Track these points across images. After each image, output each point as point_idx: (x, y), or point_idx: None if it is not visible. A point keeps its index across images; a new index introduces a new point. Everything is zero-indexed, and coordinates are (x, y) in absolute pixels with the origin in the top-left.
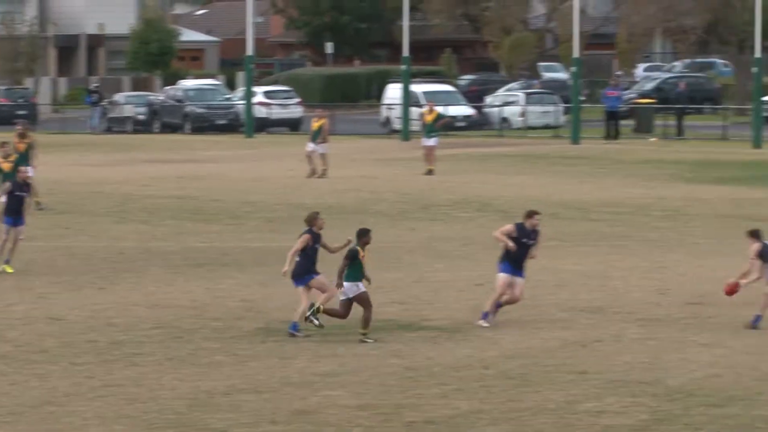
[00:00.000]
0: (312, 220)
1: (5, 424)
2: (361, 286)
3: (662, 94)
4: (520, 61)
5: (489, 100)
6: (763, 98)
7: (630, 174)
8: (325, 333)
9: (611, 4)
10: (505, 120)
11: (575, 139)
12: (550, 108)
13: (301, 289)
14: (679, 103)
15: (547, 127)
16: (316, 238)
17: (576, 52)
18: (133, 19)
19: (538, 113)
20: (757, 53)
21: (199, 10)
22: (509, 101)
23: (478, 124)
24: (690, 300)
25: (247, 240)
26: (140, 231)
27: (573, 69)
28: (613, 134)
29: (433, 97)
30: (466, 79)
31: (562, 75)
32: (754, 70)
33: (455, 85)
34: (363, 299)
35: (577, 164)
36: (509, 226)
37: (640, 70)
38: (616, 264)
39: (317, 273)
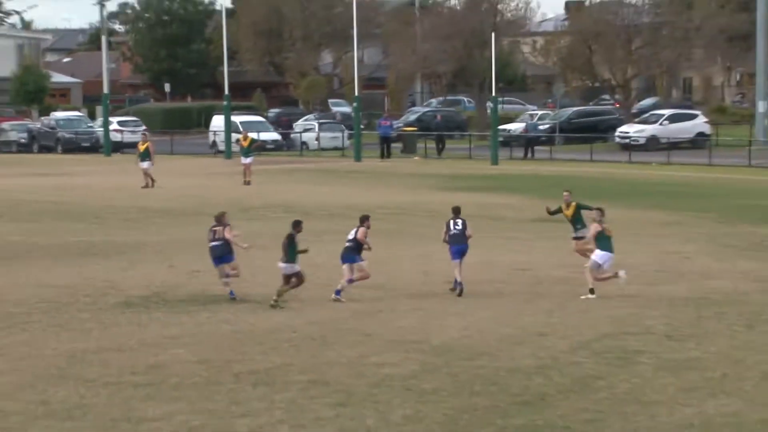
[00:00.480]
0: (221, 217)
1: None
2: (296, 267)
3: (422, 124)
4: (314, 98)
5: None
6: (498, 127)
7: (399, 184)
8: (172, 306)
9: (382, 55)
10: (304, 143)
11: (357, 158)
12: (338, 134)
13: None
14: (437, 131)
15: (335, 148)
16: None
17: (356, 92)
18: (14, 65)
19: (329, 138)
20: (493, 92)
21: (65, 58)
22: (307, 129)
23: (285, 146)
24: (447, 280)
25: (109, 235)
26: (26, 229)
27: (354, 104)
28: (386, 155)
29: (248, 126)
30: (273, 112)
31: (346, 109)
32: (490, 105)
33: (265, 117)
34: (299, 276)
35: (360, 177)
36: (363, 230)
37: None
38: (392, 252)
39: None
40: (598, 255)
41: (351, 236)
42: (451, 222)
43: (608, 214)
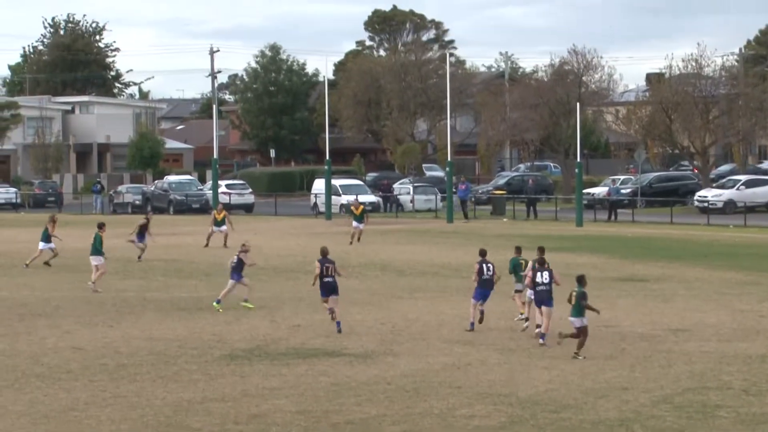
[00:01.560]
0: (327, 252)
1: (41, 425)
2: (584, 321)
3: (511, 187)
4: (409, 163)
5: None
6: (583, 191)
7: (489, 245)
8: (273, 358)
9: (473, 123)
10: (399, 205)
11: (450, 219)
12: (431, 196)
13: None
14: (528, 194)
15: (429, 210)
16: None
17: (449, 157)
18: (131, 132)
19: (423, 200)
20: (578, 159)
21: (179, 125)
22: (402, 191)
23: (381, 208)
24: (535, 334)
25: (216, 291)
26: (139, 285)
27: (447, 169)
28: (464, 215)
29: (347, 189)
30: (371, 175)
31: (439, 173)
32: (576, 170)
33: (363, 180)
34: (584, 330)
35: (451, 237)
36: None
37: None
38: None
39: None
40: (529, 291)
41: (545, 279)
42: (484, 266)
43: (687, 273)
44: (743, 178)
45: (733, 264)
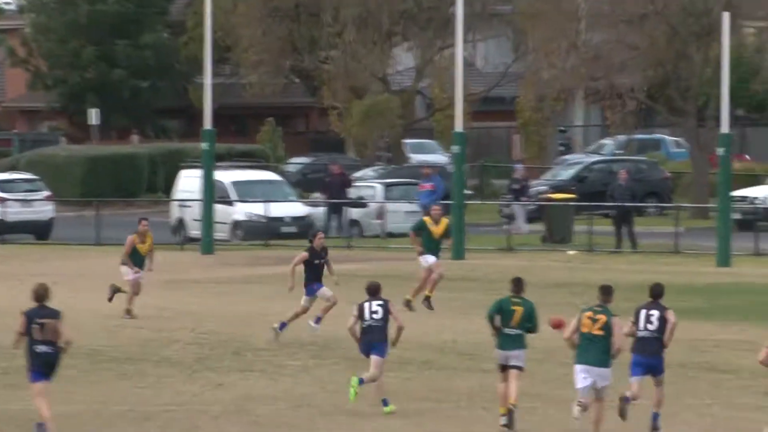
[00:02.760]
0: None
1: None
2: None
3: (585, 187)
4: (376, 137)
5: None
6: (734, 193)
7: (536, 303)
8: None
9: (511, 55)
10: (354, 223)
11: (457, 253)
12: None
13: None
14: (619, 200)
15: None
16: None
17: (459, 125)
18: None
19: (404, 214)
20: (724, 128)
21: None
22: (361, 196)
23: (313, 228)
24: None
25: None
26: None
27: (455, 148)
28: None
29: (246, 191)
30: (296, 162)
31: (439, 157)
32: (720, 151)
33: (281, 172)
34: None
35: (461, 289)
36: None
37: None
38: None
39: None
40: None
41: None
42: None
43: None
44: None
45: None
